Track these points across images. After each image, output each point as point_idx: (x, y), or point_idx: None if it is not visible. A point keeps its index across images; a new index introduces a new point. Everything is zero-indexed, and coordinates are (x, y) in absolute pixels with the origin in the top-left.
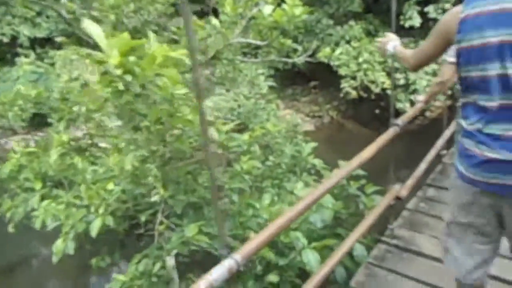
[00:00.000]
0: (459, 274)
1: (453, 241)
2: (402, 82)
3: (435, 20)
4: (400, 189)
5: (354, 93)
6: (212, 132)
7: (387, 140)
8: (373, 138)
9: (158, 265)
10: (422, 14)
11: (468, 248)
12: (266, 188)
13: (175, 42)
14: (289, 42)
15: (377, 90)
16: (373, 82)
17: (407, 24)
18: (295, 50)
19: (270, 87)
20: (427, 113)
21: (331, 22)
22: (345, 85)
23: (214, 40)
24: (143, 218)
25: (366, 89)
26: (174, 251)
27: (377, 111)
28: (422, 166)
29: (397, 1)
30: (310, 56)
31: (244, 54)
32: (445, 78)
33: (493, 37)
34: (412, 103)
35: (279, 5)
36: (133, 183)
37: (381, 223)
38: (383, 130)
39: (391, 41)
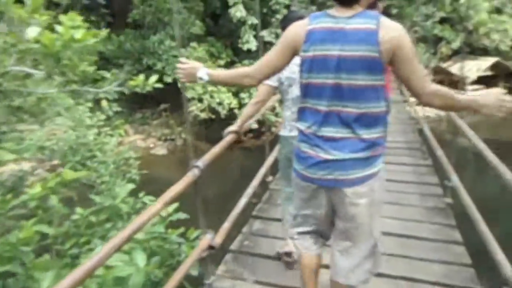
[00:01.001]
0: (304, 250)
1: (299, 229)
2: (247, 101)
3: (270, 43)
4: (214, 237)
5: (203, 115)
6: None
7: (186, 184)
8: (226, 157)
9: None
10: (259, 38)
11: (310, 233)
12: (69, 251)
13: None
14: (90, 69)
15: (224, 111)
16: (220, 103)
17: (245, 47)
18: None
19: (117, 112)
20: (273, 129)
21: (173, 43)
22: (193, 108)
23: None
24: None
25: (215, 110)
26: None
27: None
28: (242, 201)
29: (234, 25)
30: (120, 85)
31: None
32: (261, 99)
33: (333, 50)
34: (261, 122)
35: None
36: None
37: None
38: (236, 149)
39: (200, 69)
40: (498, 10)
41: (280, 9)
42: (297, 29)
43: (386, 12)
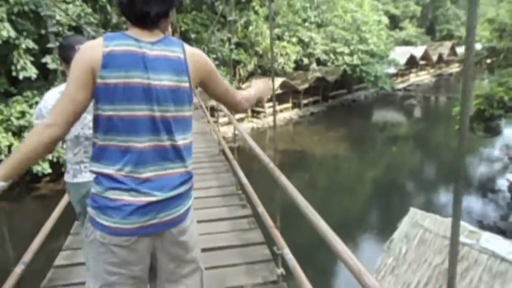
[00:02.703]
0: None
1: None
2: None
3: (56, 71)
4: None
5: None
6: None
7: None
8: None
9: None
10: (42, 64)
11: None
12: None
13: None
14: None
15: (2, 156)
16: None
17: (21, 76)
18: None
19: None
20: None
21: None
22: None
23: None
24: None
25: None
26: None
27: None
28: None
29: (6, 48)
30: None
31: None
32: None
33: (141, 78)
34: (56, 163)
35: None
36: None
37: None
38: (28, 198)
39: None
40: (279, 37)
41: (64, 31)
42: (92, 52)
43: (185, 37)
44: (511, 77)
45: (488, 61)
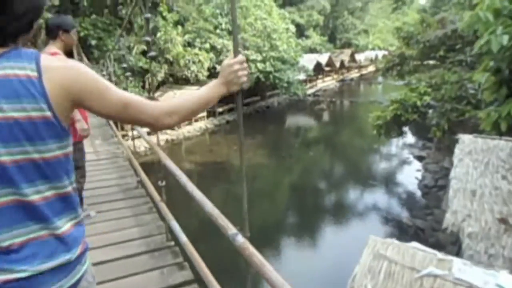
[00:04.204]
0: None
1: None
2: None
3: None
4: None
5: None
6: None
7: None
8: None
9: None
10: None
11: None
12: None
13: None
14: None
15: None
16: None
17: None
18: None
19: None
20: None
21: None
22: None
23: None
24: None
25: None
26: None
27: None
28: None
29: None
30: None
31: None
32: None
33: None
34: None
35: None
36: None
37: None
38: None
39: None
40: (190, 44)
41: None
42: None
43: (84, 44)
44: (419, 82)
45: (398, 67)
